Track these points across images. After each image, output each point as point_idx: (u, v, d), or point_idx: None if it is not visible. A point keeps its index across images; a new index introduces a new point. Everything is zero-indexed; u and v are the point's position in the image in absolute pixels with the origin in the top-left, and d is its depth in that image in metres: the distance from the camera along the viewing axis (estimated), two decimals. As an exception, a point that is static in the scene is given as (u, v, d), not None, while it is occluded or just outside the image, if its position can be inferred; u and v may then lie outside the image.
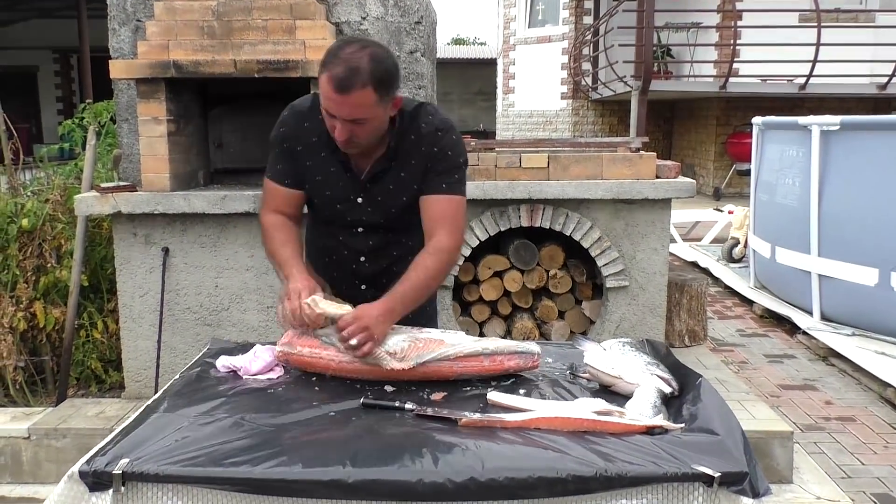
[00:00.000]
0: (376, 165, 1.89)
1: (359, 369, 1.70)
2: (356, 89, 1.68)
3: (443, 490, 1.25)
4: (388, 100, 1.77)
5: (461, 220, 1.92)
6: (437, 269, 1.84)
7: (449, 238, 1.86)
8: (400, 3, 3.56)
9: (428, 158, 1.88)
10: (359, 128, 1.76)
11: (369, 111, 1.73)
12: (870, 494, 2.96)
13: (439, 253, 1.85)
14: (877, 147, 4.54)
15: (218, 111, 3.70)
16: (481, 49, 23.41)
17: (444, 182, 1.88)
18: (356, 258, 2.01)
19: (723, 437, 1.39)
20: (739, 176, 11.10)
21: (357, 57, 1.69)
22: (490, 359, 1.71)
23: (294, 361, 1.75)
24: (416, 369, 1.67)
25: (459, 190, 1.92)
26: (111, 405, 3.39)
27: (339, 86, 1.68)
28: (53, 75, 16.21)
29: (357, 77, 1.68)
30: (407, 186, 1.90)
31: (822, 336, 4.66)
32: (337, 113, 1.73)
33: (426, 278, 1.82)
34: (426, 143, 1.88)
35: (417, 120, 1.89)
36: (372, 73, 1.69)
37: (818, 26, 9.55)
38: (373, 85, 1.70)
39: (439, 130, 1.89)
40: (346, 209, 1.94)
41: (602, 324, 3.84)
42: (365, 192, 1.92)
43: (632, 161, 3.71)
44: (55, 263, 3.75)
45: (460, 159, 1.92)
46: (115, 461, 1.31)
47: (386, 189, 1.91)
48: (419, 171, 1.89)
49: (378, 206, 1.93)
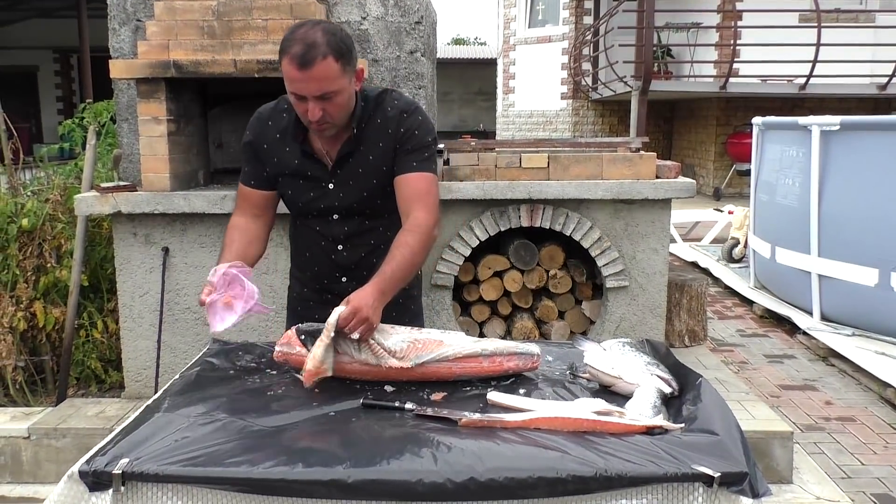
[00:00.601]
0: (343, 148, 1.92)
1: (358, 370, 1.70)
2: (318, 62, 1.72)
3: (443, 490, 1.25)
4: (350, 70, 1.80)
5: (435, 197, 1.95)
6: (418, 245, 1.85)
7: (426, 214, 1.89)
8: (400, 3, 3.56)
9: (395, 140, 1.92)
10: (329, 104, 1.79)
11: (335, 83, 1.76)
12: (870, 495, 2.97)
13: (418, 229, 1.87)
14: (877, 147, 4.54)
15: (218, 111, 3.70)
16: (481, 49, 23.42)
17: (413, 161, 1.92)
18: (334, 247, 2.03)
19: (723, 437, 1.39)
20: (739, 176, 11.11)
21: (311, 33, 1.75)
22: (489, 360, 1.71)
23: (293, 362, 1.75)
24: (414, 370, 1.67)
25: (430, 168, 1.95)
26: (111, 405, 3.39)
27: (301, 62, 1.72)
28: (53, 75, 16.22)
29: (316, 50, 1.72)
30: (376, 169, 1.94)
31: (822, 336, 4.66)
32: (305, 91, 1.77)
33: (410, 255, 1.82)
34: (393, 126, 1.92)
35: (383, 104, 1.94)
36: (328, 43, 1.73)
37: (818, 26, 9.55)
38: (332, 55, 1.74)
39: (405, 112, 1.93)
40: (318, 196, 1.98)
41: (602, 324, 3.84)
42: (335, 177, 1.95)
43: (632, 161, 3.71)
44: (55, 263, 3.75)
45: (428, 138, 1.95)
46: (114, 461, 1.31)
47: (355, 172, 1.94)
48: (388, 153, 1.93)
49: (349, 191, 1.96)
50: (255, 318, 3.49)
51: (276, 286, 3.48)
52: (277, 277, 3.48)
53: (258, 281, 3.57)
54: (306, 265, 2.11)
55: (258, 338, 3.43)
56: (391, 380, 1.70)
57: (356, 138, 1.92)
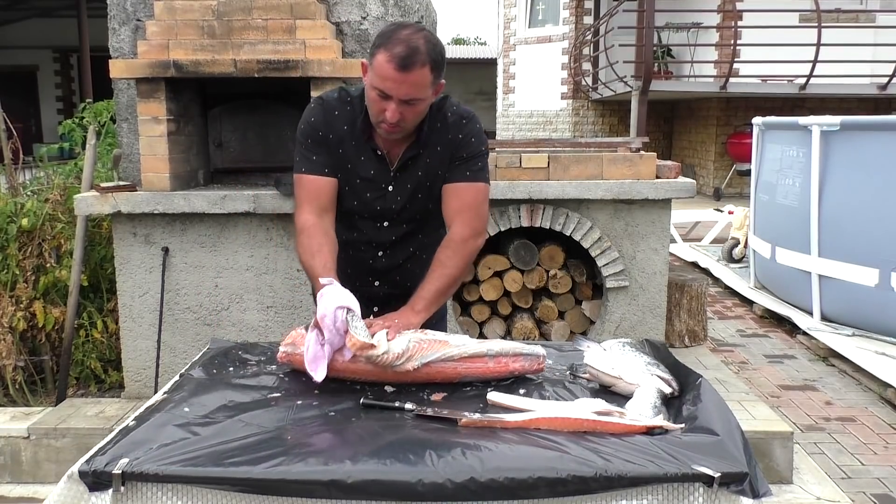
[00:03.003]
0: (407, 152, 1.94)
1: (362, 370, 1.69)
2: (416, 68, 1.74)
3: (443, 490, 1.25)
4: (437, 83, 1.83)
5: (483, 208, 1.98)
6: (458, 264, 1.90)
7: (467, 228, 1.92)
8: (400, 2, 3.56)
9: (452, 146, 1.94)
10: (409, 109, 1.81)
11: (424, 91, 1.79)
12: (870, 495, 2.96)
13: (456, 245, 1.90)
14: (877, 147, 4.54)
15: (218, 111, 3.70)
16: (481, 49, 23.41)
17: (468, 170, 1.94)
18: (375, 253, 2.04)
19: (723, 437, 1.39)
20: (739, 176, 11.11)
21: (415, 38, 1.75)
22: (495, 360, 1.70)
23: (297, 362, 1.74)
24: (419, 371, 1.66)
25: (483, 177, 1.97)
26: (111, 405, 3.39)
27: (401, 64, 1.72)
28: (53, 75, 16.22)
29: (417, 56, 1.74)
30: (433, 173, 1.95)
31: (822, 336, 4.66)
32: (394, 92, 1.76)
33: (449, 276, 1.89)
34: (452, 131, 1.94)
35: (443, 109, 1.96)
36: (429, 53, 1.76)
37: (818, 26, 9.56)
38: (430, 64, 1.76)
39: (464, 118, 1.96)
40: (376, 197, 1.98)
41: (602, 324, 3.83)
42: (395, 179, 1.97)
43: (632, 161, 3.71)
44: (55, 263, 3.75)
45: (482, 147, 1.98)
46: (114, 461, 1.31)
47: (415, 176, 1.96)
48: (445, 158, 1.94)
49: (406, 194, 1.97)
50: (255, 318, 3.50)
51: (276, 286, 3.48)
52: (277, 277, 3.47)
53: (258, 281, 3.59)
54: (342, 265, 2.03)
55: (258, 337, 3.43)
56: (394, 381, 1.69)
57: (419, 143, 1.93)
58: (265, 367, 1.84)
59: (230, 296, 3.50)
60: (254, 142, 3.71)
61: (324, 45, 3.24)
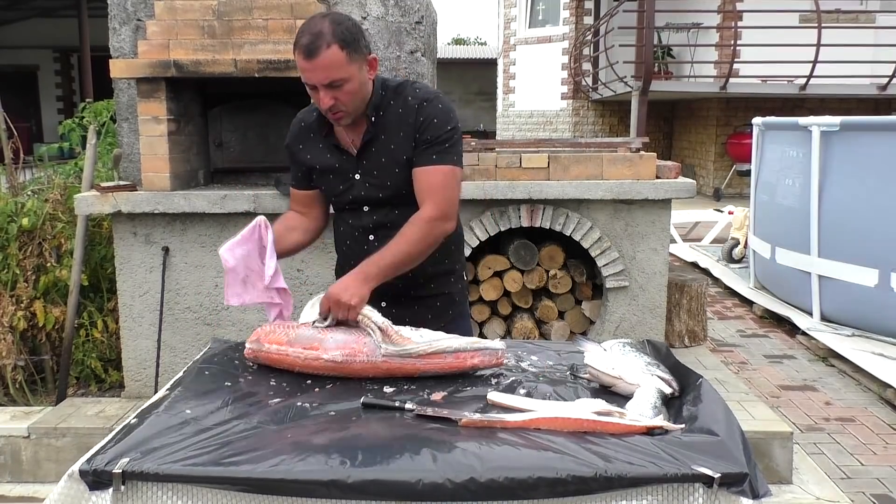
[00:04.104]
0: (364, 137, 1.96)
1: (324, 366, 1.73)
2: (322, 50, 1.77)
3: (443, 490, 1.25)
4: (358, 58, 1.83)
5: (451, 190, 1.95)
6: (417, 236, 1.89)
7: (433, 208, 1.91)
8: (400, 2, 3.56)
9: (415, 129, 1.92)
10: (339, 92, 1.83)
11: (342, 70, 1.80)
12: (869, 495, 2.96)
13: (420, 222, 1.90)
14: (877, 148, 4.54)
15: (218, 111, 3.70)
16: (482, 49, 23.42)
17: (433, 153, 1.92)
18: (366, 238, 2.05)
19: (723, 437, 1.39)
20: (739, 176, 11.11)
21: (318, 23, 1.80)
22: (454, 356, 1.74)
23: (263, 358, 1.80)
24: (379, 365, 1.72)
25: (450, 159, 1.94)
26: (111, 404, 3.39)
27: (307, 52, 1.78)
28: (54, 74, 16.23)
29: (321, 39, 1.77)
30: (398, 159, 1.95)
31: (822, 337, 4.66)
32: (314, 80, 1.82)
33: (405, 245, 1.88)
34: (412, 115, 1.93)
35: (403, 93, 1.95)
36: (333, 32, 1.78)
37: (818, 27, 9.56)
38: (338, 43, 1.78)
39: (425, 101, 1.94)
40: (347, 188, 2.01)
41: (602, 324, 3.84)
42: (360, 167, 1.98)
43: (632, 161, 3.71)
44: (55, 263, 3.75)
45: (448, 126, 1.94)
46: (115, 460, 1.31)
47: (379, 162, 1.97)
48: (408, 142, 1.93)
49: (375, 181, 1.98)
50: (255, 318, 3.49)
51: (276, 286, 3.48)
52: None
53: (258, 281, 3.56)
54: (345, 257, 2.14)
55: (258, 337, 3.43)
56: (357, 376, 1.73)
57: (375, 126, 1.94)
58: (265, 366, 1.84)
59: (230, 295, 3.50)
60: (254, 142, 3.71)
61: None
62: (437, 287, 2.09)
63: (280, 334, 1.78)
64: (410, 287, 2.04)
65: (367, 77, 1.89)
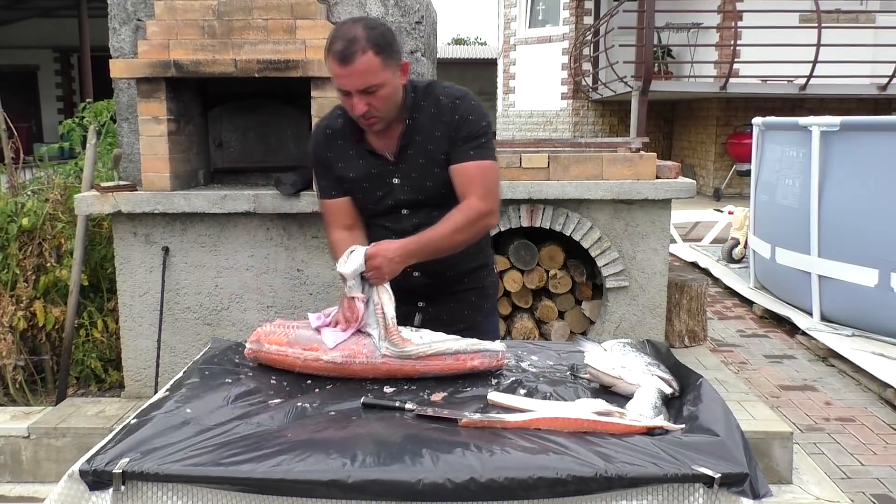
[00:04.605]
0: (400, 142, 1.95)
1: (323, 367, 1.73)
2: (358, 56, 1.76)
3: (443, 490, 1.25)
4: (392, 64, 1.83)
5: (493, 184, 1.96)
6: (463, 222, 1.90)
7: (480, 201, 1.91)
8: (400, 2, 3.56)
9: (450, 127, 1.93)
10: (373, 98, 1.82)
11: (377, 76, 1.79)
12: (869, 495, 2.97)
13: (468, 210, 1.91)
14: (877, 148, 4.54)
15: (218, 111, 3.70)
16: (482, 49, 23.41)
17: (470, 149, 1.93)
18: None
19: (723, 437, 1.39)
20: (739, 176, 11.11)
21: (352, 29, 1.79)
22: (454, 357, 1.75)
23: (263, 358, 1.80)
24: (378, 367, 1.72)
25: (487, 154, 1.95)
26: (111, 404, 3.39)
27: (342, 58, 1.77)
28: (54, 74, 16.22)
29: (356, 45, 1.77)
30: (436, 159, 1.95)
31: (822, 337, 4.66)
32: (348, 86, 1.80)
33: (451, 228, 1.89)
34: (447, 114, 1.93)
35: (434, 93, 1.96)
36: (368, 38, 1.78)
37: (818, 27, 9.56)
38: (372, 49, 1.77)
39: (457, 98, 1.94)
40: (386, 194, 2.00)
41: (602, 324, 3.83)
42: (398, 171, 1.97)
43: (632, 161, 3.71)
44: (55, 263, 3.75)
45: (482, 122, 1.95)
46: (115, 460, 1.31)
47: (417, 164, 1.96)
48: (444, 141, 1.94)
49: (414, 183, 1.97)
50: (255, 318, 3.50)
51: (276, 286, 3.48)
52: (277, 277, 3.48)
53: (258, 281, 3.59)
54: None
55: (258, 337, 3.43)
56: (356, 377, 1.73)
57: (410, 128, 1.94)
58: (265, 366, 1.84)
59: (230, 295, 3.50)
60: (254, 142, 3.71)
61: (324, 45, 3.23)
62: (471, 282, 2.11)
63: (280, 335, 1.78)
64: (446, 285, 2.06)
65: (400, 82, 1.88)
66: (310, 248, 3.45)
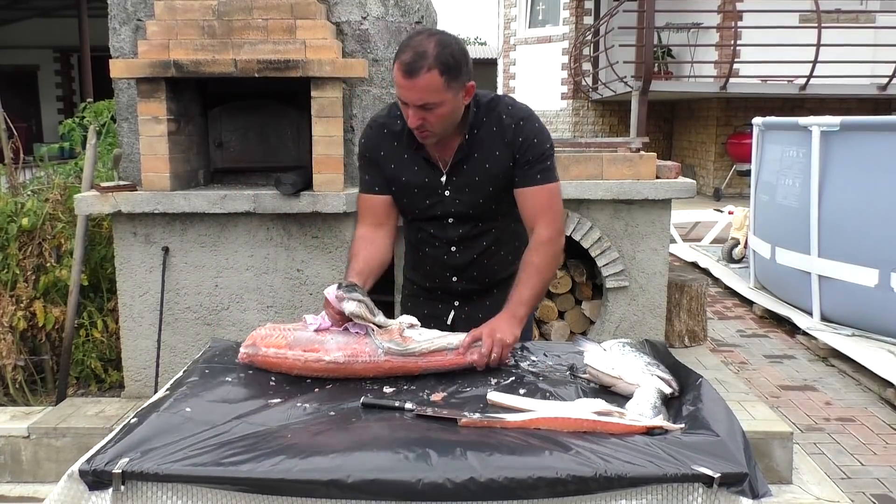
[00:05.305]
0: (456, 156, 1.94)
1: (325, 368, 1.72)
2: (422, 73, 1.75)
3: (443, 490, 1.25)
4: (456, 86, 1.81)
5: (558, 207, 1.98)
6: (544, 263, 1.93)
7: (547, 229, 1.94)
8: (400, 2, 3.56)
9: (513, 149, 1.92)
10: (430, 114, 1.81)
11: (437, 95, 1.79)
12: (869, 495, 2.96)
13: (543, 247, 1.93)
14: (877, 148, 4.54)
15: (218, 111, 3.70)
16: (482, 49, 23.39)
17: (537, 173, 1.93)
18: (447, 249, 2.06)
19: (723, 437, 1.39)
20: (739, 176, 11.11)
21: (424, 42, 1.77)
22: (454, 352, 1.76)
23: (259, 363, 1.77)
24: (381, 365, 1.72)
25: (552, 177, 1.97)
26: (111, 404, 3.39)
27: (407, 70, 1.76)
28: (54, 74, 16.21)
29: (423, 60, 1.75)
30: (492, 176, 1.95)
31: (822, 336, 4.66)
32: (407, 98, 1.80)
33: (538, 275, 1.92)
34: (509, 134, 1.92)
35: (496, 110, 1.94)
36: (437, 56, 1.76)
37: (818, 27, 9.56)
38: (438, 68, 1.76)
39: (522, 119, 1.94)
40: (434, 203, 2.00)
41: (602, 324, 3.83)
42: (450, 184, 1.97)
43: (632, 161, 3.71)
44: (55, 263, 3.75)
45: (546, 144, 1.96)
46: (115, 460, 1.31)
47: (471, 180, 1.96)
48: (505, 162, 1.93)
49: (465, 197, 1.98)
50: (255, 318, 3.50)
51: (276, 286, 3.48)
52: (277, 277, 3.48)
53: (258, 281, 3.59)
54: (419, 264, 2.14)
55: (258, 337, 3.42)
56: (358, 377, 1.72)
57: (468, 144, 1.93)
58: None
59: (230, 295, 3.50)
60: (254, 142, 3.71)
61: (324, 45, 3.24)
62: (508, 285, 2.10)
63: (278, 337, 1.76)
64: (483, 288, 2.09)
65: (462, 102, 1.87)
66: (310, 248, 3.45)
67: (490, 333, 1.76)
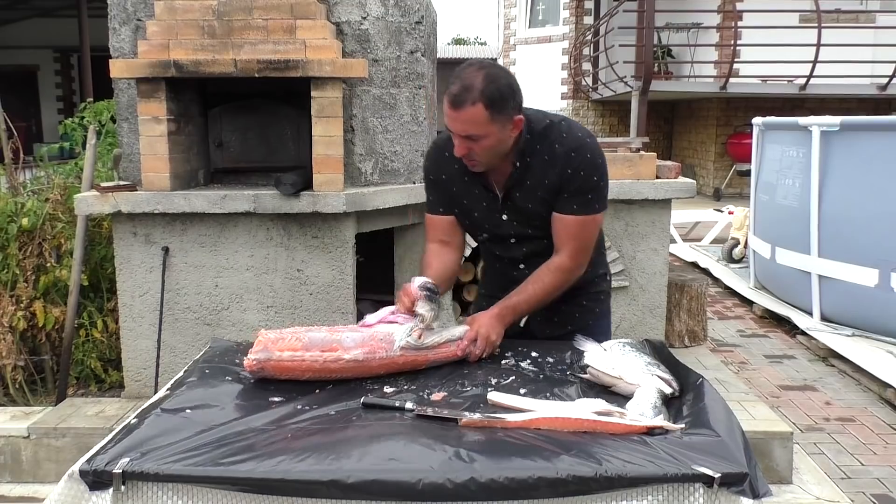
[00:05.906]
0: (508, 182, 1.98)
1: (344, 367, 1.72)
2: (466, 106, 1.78)
3: (443, 490, 1.25)
4: (502, 119, 1.83)
5: (587, 239, 2.00)
6: (552, 285, 1.98)
7: (570, 259, 1.97)
8: (400, 2, 3.56)
9: (562, 178, 1.94)
10: (475, 144, 1.85)
11: (481, 128, 1.81)
12: (869, 495, 2.97)
13: (558, 272, 1.97)
14: (877, 147, 4.54)
15: (218, 111, 3.70)
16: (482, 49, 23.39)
17: (574, 203, 1.95)
18: (515, 266, 2.10)
19: (723, 437, 1.39)
20: (739, 176, 11.12)
21: (472, 75, 1.80)
22: (456, 344, 1.83)
23: (271, 368, 1.68)
24: (395, 360, 1.75)
25: (591, 209, 1.96)
26: (111, 404, 3.39)
27: (453, 102, 1.80)
28: (54, 74, 16.21)
29: (469, 93, 1.78)
30: (545, 203, 1.97)
31: (822, 336, 4.66)
32: (453, 128, 1.84)
33: (542, 292, 1.97)
34: (560, 164, 1.93)
35: (549, 139, 1.95)
36: (483, 90, 1.78)
37: (818, 27, 9.56)
38: (483, 102, 1.78)
39: (573, 151, 1.93)
40: (494, 226, 2.05)
41: (602, 324, 3.83)
42: (506, 208, 2.01)
43: (632, 161, 3.71)
44: (55, 263, 3.75)
45: (594, 177, 1.95)
46: (115, 460, 1.31)
47: (524, 207, 1.99)
48: (554, 188, 1.95)
49: (522, 220, 2.02)
50: (255, 318, 3.50)
51: (276, 286, 3.48)
52: (277, 277, 3.48)
53: (258, 281, 3.59)
54: (491, 281, 2.22)
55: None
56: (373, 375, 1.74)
57: (521, 171, 1.95)
58: (265, 366, 1.84)
59: (230, 296, 3.50)
60: (254, 142, 3.71)
61: (324, 45, 3.24)
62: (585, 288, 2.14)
63: (292, 340, 1.70)
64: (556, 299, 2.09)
65: (509, 135, 1.88)
66: (310, 248, 3.45)
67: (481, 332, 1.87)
